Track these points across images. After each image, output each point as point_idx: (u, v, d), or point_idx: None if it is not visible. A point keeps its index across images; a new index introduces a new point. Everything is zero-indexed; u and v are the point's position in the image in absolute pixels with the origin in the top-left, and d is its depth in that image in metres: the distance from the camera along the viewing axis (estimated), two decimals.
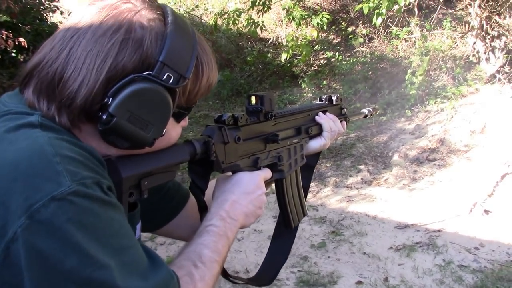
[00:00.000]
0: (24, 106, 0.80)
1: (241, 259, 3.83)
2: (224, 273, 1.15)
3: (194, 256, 0.90)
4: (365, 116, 1.76)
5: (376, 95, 7.16)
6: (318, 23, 7.22)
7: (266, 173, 1.17)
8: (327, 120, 1.44)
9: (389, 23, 7.69)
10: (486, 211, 4.32)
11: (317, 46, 8.30)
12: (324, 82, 7.91)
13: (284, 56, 7.39)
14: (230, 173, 1.12)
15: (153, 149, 0.88)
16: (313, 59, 8.43)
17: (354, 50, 8.13)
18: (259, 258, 3.78)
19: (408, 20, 7.48)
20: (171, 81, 0.81)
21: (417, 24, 7.32)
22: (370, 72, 7.55)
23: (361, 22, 8.40)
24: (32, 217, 0.64)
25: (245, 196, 1.06)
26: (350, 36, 8.08)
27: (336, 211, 4.67)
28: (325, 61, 8.34)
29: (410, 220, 4.34)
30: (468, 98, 6.42)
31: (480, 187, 4.66)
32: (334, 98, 1.53)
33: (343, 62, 7.70)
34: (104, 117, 0.77)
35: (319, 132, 1.42)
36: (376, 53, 7.78)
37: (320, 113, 1.44)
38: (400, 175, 5.27)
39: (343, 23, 8.43)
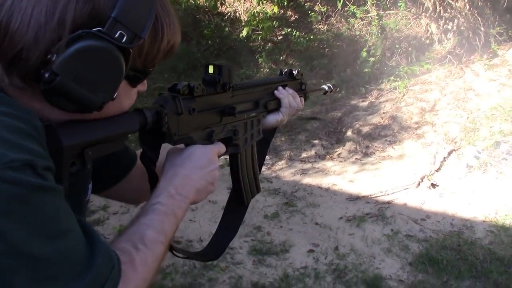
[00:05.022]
0: None
1: (195, 229, 3.84)
2: (169, 247, 1.07)
3: (136, 237, 0.83)
4: (325, 92, 1.68)
5: (332, 72, 7.25)
6: None
7: (220, 147, 1.11)
8: (287, 95, 1.36)
9: (346, 2, 7.76)
10: (433, 185, 4.48)
11: (275, 22, 8.29)
12: (281, 58, 7.93)
13: (245, 32, 7.30)
14: (182, 146, 1.05)
15: (102, 115, 0.81)
16: (271, 35, 8.42)
17: (312, 27, 8.18)
18: (213, 228, 3.76)
19: None
20: (124, 39, 0.73)
21: (373, 4, 7.41)
22: (327, 50, 7.63)
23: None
24: None
25: (197, 171, 1.00)
26: (308, 12, 8.10)
27: (290, 183, 4.74)
28: (282, 38, 8.35)
29: (361, 192, 4.46)
30: (420, 78, 6.60)
31: (428, 162, 4.82)
32: (295, 72, 1.45)
33: (300, 39, 7.73)
34: (47, 75, 0.69)
35: (277, 107, 1.36)
36: (333, 30, 7.85)
37: (280, 88, 1.37)
38: (352, 150, 5.39)
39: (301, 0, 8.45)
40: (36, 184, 0.63)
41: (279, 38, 8.45)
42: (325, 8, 8.16)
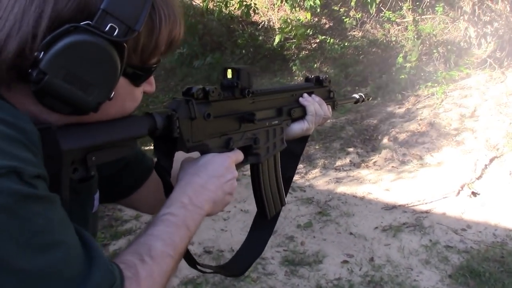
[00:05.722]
0: None
1: (226, 239, 3.79)
2: (192, 262, 1.03)
3: (143, 250, 0.77)
4: (356, 101, 1.61)
5: (367, 79, 7.12)
6: (311, 6, 7.13)
7: (238, 155, 1.04)
8: (312, 103, 1.29)
9: (382, 8, 7.62)
10: (474, 193, 4.30)
11: (309, 30, 8.23)
12: (315, 65, 7.85)
13: (277, 39, 7.26)
14: (198, 154, 0.99)
15: (104, 117, 0.76)
16: (305, 43, 8.37)
17: (346, 34, 8.07)
18: (245, 237, 3.75)
19: (400, 4, 7.41)
20: (115, 33, 0.68)
21: (409, 9, 7.26)
22: (362, 56, 7.50)
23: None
24: None
25: (213, 180, 0.93)
26: (343, 18, 8.00)
27: (324, 192, 4.64)
28: (317, 45, 8.28)
29: (398, 201, 4.32)
30: (459, 83, 6.39)
31: (468, 170, 4.64)
32: (322, 78, 1.39)
33: (335, 46, 7.64)
34: (35, 74, 0.64)
35: (303, 115, 1.28)
36: (368, 36, 7.72)
37: (305, 95, 1.30)
38: (389, 158, 5.24)
39: (335, 7, 8.36)
40: (22, 193, 0.58)
41: (313, 45, 8.39)
42: (359, 15, 8.04)
